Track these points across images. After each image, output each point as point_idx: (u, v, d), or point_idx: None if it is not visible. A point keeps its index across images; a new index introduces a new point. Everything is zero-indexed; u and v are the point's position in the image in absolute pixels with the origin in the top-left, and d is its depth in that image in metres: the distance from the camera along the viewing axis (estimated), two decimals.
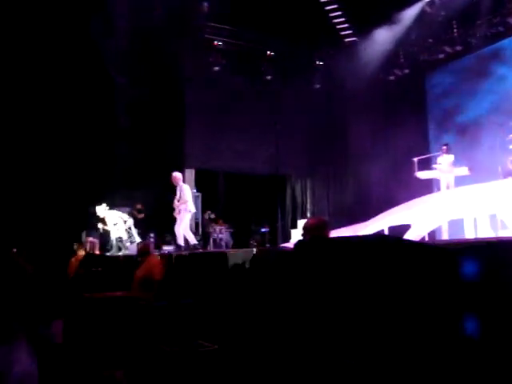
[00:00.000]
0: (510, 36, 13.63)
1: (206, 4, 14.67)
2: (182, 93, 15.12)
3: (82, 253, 10.73)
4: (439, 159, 11.35)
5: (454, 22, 14.37)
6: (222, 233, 14.49)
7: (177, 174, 10.57)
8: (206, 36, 15.33)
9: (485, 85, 14.11)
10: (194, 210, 10.68)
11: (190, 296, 6.19)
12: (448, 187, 10.65)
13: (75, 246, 11.45)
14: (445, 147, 11.42)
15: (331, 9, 15.83)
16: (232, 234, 15.19)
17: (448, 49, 14.97)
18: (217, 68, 15.45)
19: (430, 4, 14.66)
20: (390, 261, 2.40)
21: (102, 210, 12.48)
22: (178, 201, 10.30)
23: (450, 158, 11.15)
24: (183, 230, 10.30)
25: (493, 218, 8.33)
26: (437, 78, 16.13)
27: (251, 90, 16.02)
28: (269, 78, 16.16)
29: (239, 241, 15.00)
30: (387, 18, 15.29)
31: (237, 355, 4.98)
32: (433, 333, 2.59)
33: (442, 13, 14.41)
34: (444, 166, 10.99)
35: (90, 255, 9.65)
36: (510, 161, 9.14)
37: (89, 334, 6.56)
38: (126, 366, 6.24)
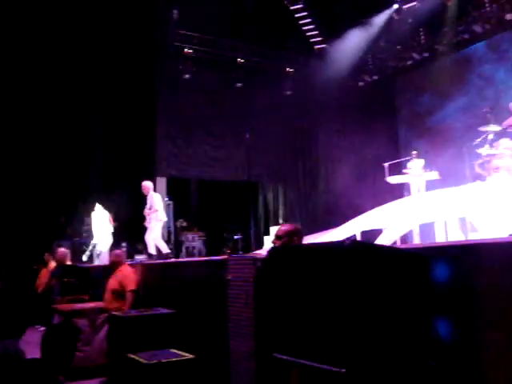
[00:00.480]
0: (475, 43, 13.93)
1: (175, 11, 14.63)
2: (152, 101, 15.03)
3: (53, 264, 10.58)
4: (409, 164, 11.51)
5: (421, 29, 14.62)
6: (194, 241, 14.41)
7: (147, 183, 10.50)
8: (176, 44, 15.29)
9: (452, 90, 14.37)
10: (164, 218, 10.60)
11: (164, 305, 6.15)
12: (419, 191, 10.79)
13: (46, 257, 11.30)
14: (415, 152, 11.60)
15: (301, 16, 15.97)
16: (205, 242, 15.11)
17: (416, 55, 15.22)
18: (187, 76, 15.41)
19: (397, 11, 14.90)
20: (362, 266, 2.41)
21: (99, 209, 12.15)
22: (149, 209, 10.23)
23: (421, 162, 11.31)
24: (154, 239, 10.22)
25: (462, 220, 8.47)
26: (405, 83, 16.37)
27: (222, 98, 16.02)
28: (240, 85, 16.17)
29: (212, 248, 14.94)
30: (356, 26, 15.49)
31: (212, 364, 4.95)
32: (405, 336, 2.62)
33: (410, 20, 14.65)
34: (414, 171, 11.15)
35: (61, 266, 9.50)
36: (478, 165, 9.29)
37: (64, 345, 6.46)
38: (102, 376, 6.18)
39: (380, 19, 15.38)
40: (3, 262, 9.38)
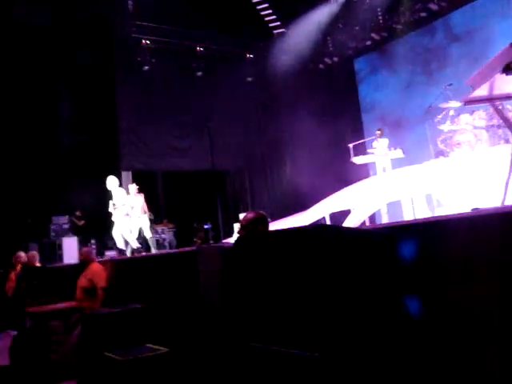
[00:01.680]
0: (432, 21, 14.08)
1: (130, 3, 14.43)
2: (112, 94, 14.83)
3: (19, 267, 10.40)
4: (374, 143, 11.60)
5: (378, 9, 14.69)
6: (164, 233, 14.35)
7: (111, 178, 10.42)
8: (134, 35, 15.09)
9: (413, 68, 14.52)
10: (131, 213, 10.55)
11: (136, 301, 6.11)
12: (384, 170, 10.90)
13: (13, 260, 11.09)
14: (379, 132, 11.68)
15: (258, 1, 15.90)
16: (175, 234, 15.06)
17: (375, 36, 15.31)
18: (147, 67, 15.24)
19: None
20: (329, 250, 2.42)
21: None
22: (114, 205, 10.16)
23: (385, 141, 11.40)
24: (123, 235, 10.16)
25: (429, 197, 8.59)
26: (366, 64, 16.48)
27: (183, 87, 15.91)
28: (200, 73, 16.06)
29: (183, 240, 14.90)
30: (314, 8, 15.51)
31: (188, 357, 4.95)
32: (376, 316, 2.64)
33: (367, 1, 14.73)
34: (379, 150, 11.24)
35: (27, 268, 9.34)
36: (440, 141, 9.42)
37: (36, 348, 6.38)
38: (78, 377, 6.12)
39: (338, 1, 15.43)
40: None
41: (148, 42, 15.20)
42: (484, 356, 2.69)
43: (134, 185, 10.83)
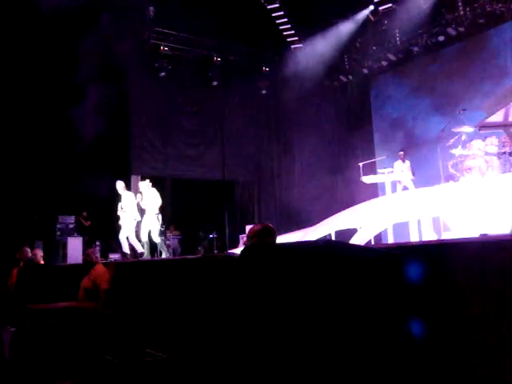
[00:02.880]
0: (450, 45, 14.10)
1: (151, 9, 14.54)
2: (127, 98, 14.91)
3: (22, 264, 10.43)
4: (396, 164, 11.70)
5: (396, 30, 14.75)
6: (169, 240, 14.35)
7: (120, 182, 10.45)
8: (152, 41, 15.20)
9: (427, 91, 14.53)
10: (138, 218, 10.55)
11: (138, 305, 6.10)
12: (405, 188, 11.04)
13: (17, 256, 11.12)
14: (402, 153, 11.82)
15: (277, 15, 16.02)
16: (180, 241, 15.06)
17: (391, 56, 15.35)
18: (163, 73, 15.33)
19: (373, 13, 15.04)
20: (336, 266, 2.41)
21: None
22: (122, 208, 10.18)
23: (407, 163, 11.58)
24: (129, 239, 10.17)
25: (436, 220, 8.56)
26: (381, 84, 16.49)
27: (198, 96, 16.00)
28: (215, 83, 16.15)
29: (187, 247, 14.89)
30: (332, 25, 15.58)
31: (186, 364, 4.93)
32: (379, 336, 2.63)
33: (385, 21, 14.80)
34: (401, 172, 11.39)
35: (30, 265, 9.36)
36: (451, 165, 9.41)
37: (35, 346, 6.37)
38: (75, 378, 6.10)
39: (356, 20, 15.52)
40: None
41: (166, 48, 15.30)
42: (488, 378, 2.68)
43: (147, 181, 10.72)
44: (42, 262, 9.87)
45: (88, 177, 13.12)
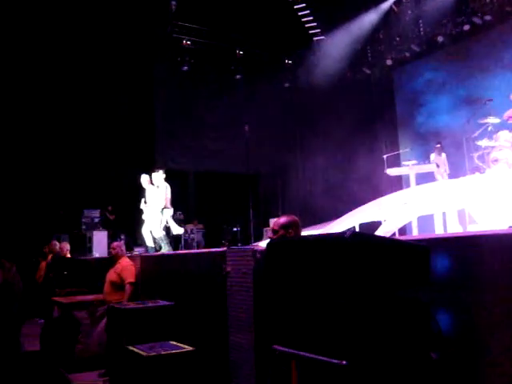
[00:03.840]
0: (475, 35, 13.86)
1: (174, 3, 14.57)
2: (151, 93, 15.00)
3: (51, 257, 10.58)
4: (432, 156, 11.59)
5: (420, 20, 14.56)
6: (193, 233, 14.41)
7: (145, 176, 10.48)
8: (175, 35, 15.24)
9: (452, 82, 14.33)
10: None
11: (163, 297, 6.15)
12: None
13: (45, 250, 11.28)
14: (439, 145, 11.67)
15: (300, 8, 15.92)
16: (204, 234, 15.12)
17: (415, 47, 15.17)
18: (185, 67, 15.37)
19: (396, 3, 14.86)
20: (363, 258, 2.40)
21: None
22: (146, 203, 10.21)
23: (443, 156, 11.45)
24: (152, 232, 10.20)
25: (461, 213, 8.46)
26: (404, 75, 16.32)
27: (221, 89, 16.01)
28: (239, 77, 16.14)
29: (211, 241, 14.95)
30: (355, 17, 15.44)
31: (211, 356, 4.96)
32: (406, 328, 2.61)
33: (409, 11, 14.62)
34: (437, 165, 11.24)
35: (58, 258, 9.49)
36: (477, 157, 9.28)
37: (61, 338, 6.47)
38: (100, 368, 6.19)
39: (379, 11, 15.35)
40: (5, 255, 9.36)
41: (189, 42, 15.33)
42: None
43: (161, 172, 10.52)
44: (69, 256, 10.00)
45: (113, 171, 13.26)
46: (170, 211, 10.35)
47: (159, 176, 10.43)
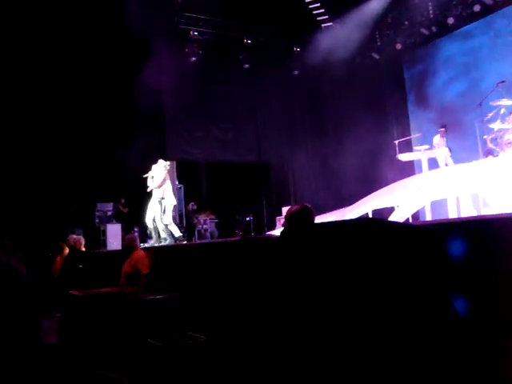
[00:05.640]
0: (485, 16, 13.67)
1: None
2: (160, 85, 14.97)
3: (67, 250, 10.64)
4: (434, 139, 11.55)
5: (429, 3, 14.39)
6: (206, 223, 14.44)
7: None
8: (181, 26, 15.20)
9: (462, 65, 14.17)
10: (174, 202, 10.61)
11: (178, 288, 6.17)
12: (447, 164, 10.84)
13: (60, 244, 11.35)
14: (443, 129, 11.63)
15: None
16: (217, 225, 15.15)
17: (424, 30, 15.01)
18: (194, 58, 15.35)
19: None
20: (376, 243, 2.39)
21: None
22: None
23: (444, 139, 11.43)
24: (166, 223, 10.24)
25: (475, 197, 8.39)
26: (414, 60, 16.17)
27: (230, 79, 15.97)
28: (247, 66, 16.09)
29: (224, 231, 14.98)
30: (363, 2, 15.30)
31: (226, 346, 4.97)
32: (422, 313, 2.60)
33: None
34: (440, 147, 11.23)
35: (74, 252, 9.56)
36: (490, 139, 9.20)
37: (78, 331, 6.52)
38: (117, 361, 6.23)
39: None
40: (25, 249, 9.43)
41: (196, 33, 15.29)
42: None
43: (163, 162, 10.54)
44: (84, 249, 10.06)
45: (125, 164, 13.28)
46: (171, 201, 10.37)
47: (161, 165, 10.48)
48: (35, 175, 13.23)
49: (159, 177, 10.33)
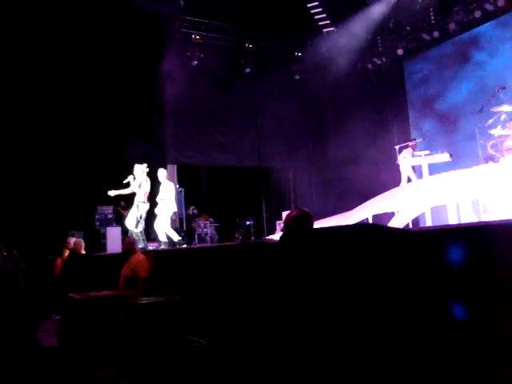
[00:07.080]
0: (486, 22, 13.70)
1: None
2: (161, 88, 15.00)
3: (67, 253, 10.65)
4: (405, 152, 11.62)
5: (431, 9, 14.43)
6: (206, 227, 14.43)
7: (162, 171, 10.55)
8: (184, 30, 15.23)
9: (463, 71, 14.20)
10: (175, 208, 10.60)
11: (177, 292, 6.17)
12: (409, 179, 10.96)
13: (63, 246, 11.37)
14: (414, 142, 11.77)
15: None
16: (217, 229, 15.14)
17: (426, 36, 15.05)
18: (195, 62, 15.38)
19: None
20: (376, 249, 2.39)
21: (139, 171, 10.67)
22: (161, 197, 10.27)
23: (410, 150, 11.52)
24: (164, 228, 10.24)
25: (475, 203, 8.39)
26: (415, 65, 16.19)
27: (231, 83, 15.98)
28: (248, 70, 16.12)
29: (224, 235, 14.97)
30: (364, 7, 15.34)
31: (226, 350, 4.97)
32: (421, 318, 2.60)
33: (419, 0, 14.49)
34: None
35: (74, 255, 9.56)
36: (490, 145, 9.20)
37: (78, 334, 6.51)
38: (116, 364, 6.22)
39: (388, 0, 15.22)
40: (22, 255, 9.43)
41: (197, 37, 15.33)
42: None
43: (144, 166, 10.66)
44: (84, 252, 10.06)
45: (125, 167, 13.28)
46: (146, 206, 10.42)
47: (139, 169, 10.52)
48: (35, 178, 13.23)
49: (137, 180, 10.44)
